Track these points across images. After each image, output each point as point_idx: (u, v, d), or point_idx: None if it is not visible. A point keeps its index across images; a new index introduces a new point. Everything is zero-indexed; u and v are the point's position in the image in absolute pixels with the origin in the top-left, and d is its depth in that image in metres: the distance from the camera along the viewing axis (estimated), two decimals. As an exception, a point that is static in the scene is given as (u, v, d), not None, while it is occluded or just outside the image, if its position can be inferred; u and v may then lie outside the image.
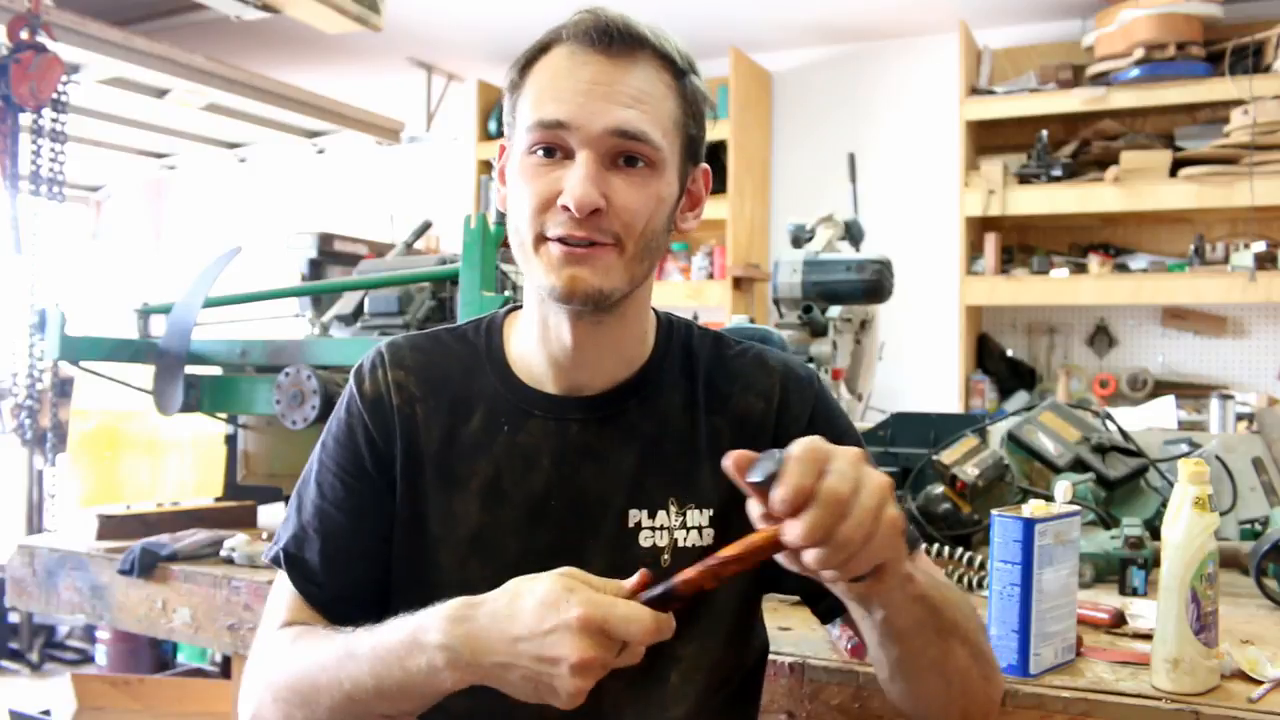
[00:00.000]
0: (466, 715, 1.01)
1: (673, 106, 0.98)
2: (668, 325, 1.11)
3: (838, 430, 1.07)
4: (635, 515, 1.03)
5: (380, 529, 1.05)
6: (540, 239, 0.96)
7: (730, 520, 1.04)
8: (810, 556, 0.77)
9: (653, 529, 1.03)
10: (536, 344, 1.04)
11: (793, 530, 0.76)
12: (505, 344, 1.09)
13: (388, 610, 1.03)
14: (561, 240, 0.95)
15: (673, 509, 1.03)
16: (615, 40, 0.95)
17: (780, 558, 0.81)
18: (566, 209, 0.94)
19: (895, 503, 0.80)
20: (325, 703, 0.94)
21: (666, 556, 1.02)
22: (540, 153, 0.96)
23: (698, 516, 1.04)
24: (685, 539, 1.03)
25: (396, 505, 1.04)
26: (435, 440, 1.04)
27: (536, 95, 0.97)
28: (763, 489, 0.78)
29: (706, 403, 1.06)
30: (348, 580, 1.05)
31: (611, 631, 0.81)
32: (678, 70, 0.99)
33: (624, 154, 0.95)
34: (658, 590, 0.84)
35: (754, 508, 0.81)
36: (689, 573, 0.83)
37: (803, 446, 0.78)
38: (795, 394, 1.08)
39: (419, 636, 0.88)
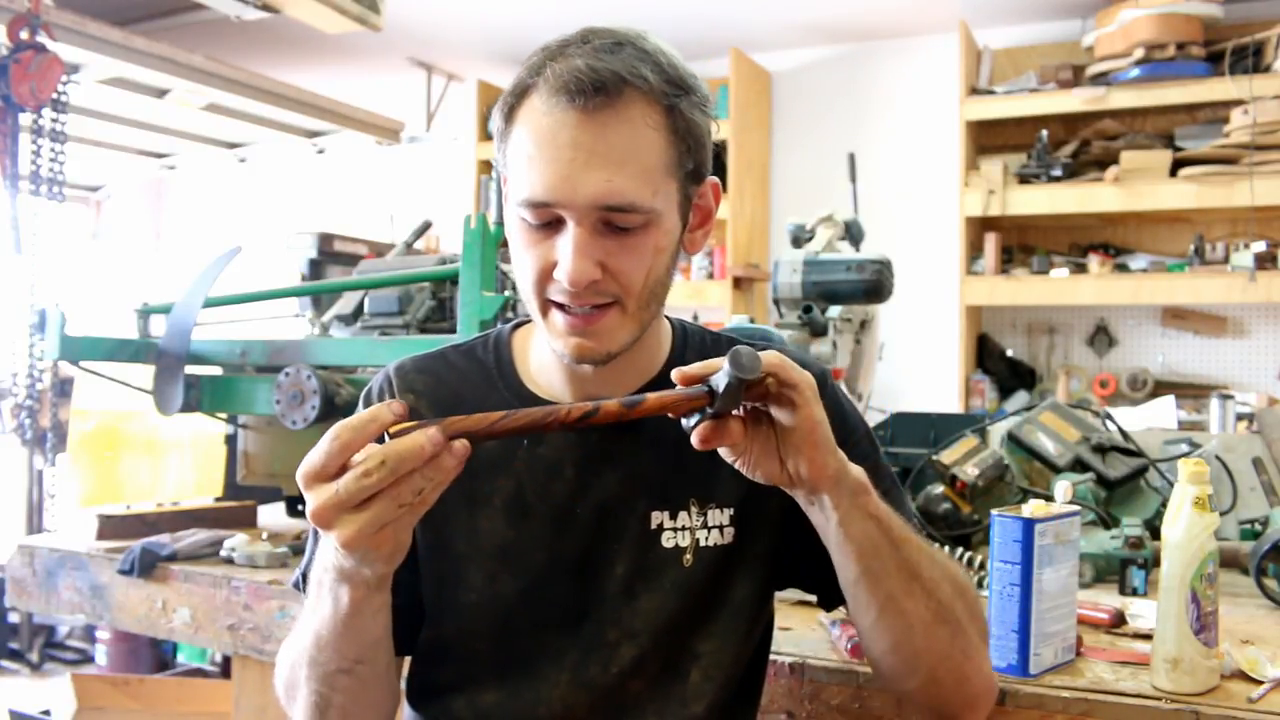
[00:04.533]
0: (494, 708, 1.04)
1: (663, 149, 0.94)
2: (682, 332, 1.13)
3: (849, 426, 1.10)
4: (658, 517, 1.04)
5: None
6: (545, 304, 0.98)
7: (750, 518, 1.06)
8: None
9: (675, 529, 1.04)
10: (555, 362, 1.05)
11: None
12: (516, 359, 1.10)
13: (415, 635, 1.07)
14: (564, 307, 0.96)
15: (694, 509, 1.05)
16: (592, 93, 0.90)
17: (744, 461, 0.91)
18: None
19: (819, 404, 0.89)
20: (302, 680, 0.98)
21: (689, 556, 1.04)
22: (531, 220, 0.95)
23: (719, 515, 1.06)
24: (707, 538, 1.05)
25: (417, 531, 1.04)
26: None
27: (522, 161, 0.94)
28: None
29: None
30: None
31: (314, 469, 0.81)
32: (668, 101, 0.93)
33: (613, 221, 0.94)
34: (588, 406, 0.88)
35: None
36: (613, 404, 0.88)
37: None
38: None
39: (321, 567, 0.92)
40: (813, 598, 1.15)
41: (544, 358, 1.07)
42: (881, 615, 0.98)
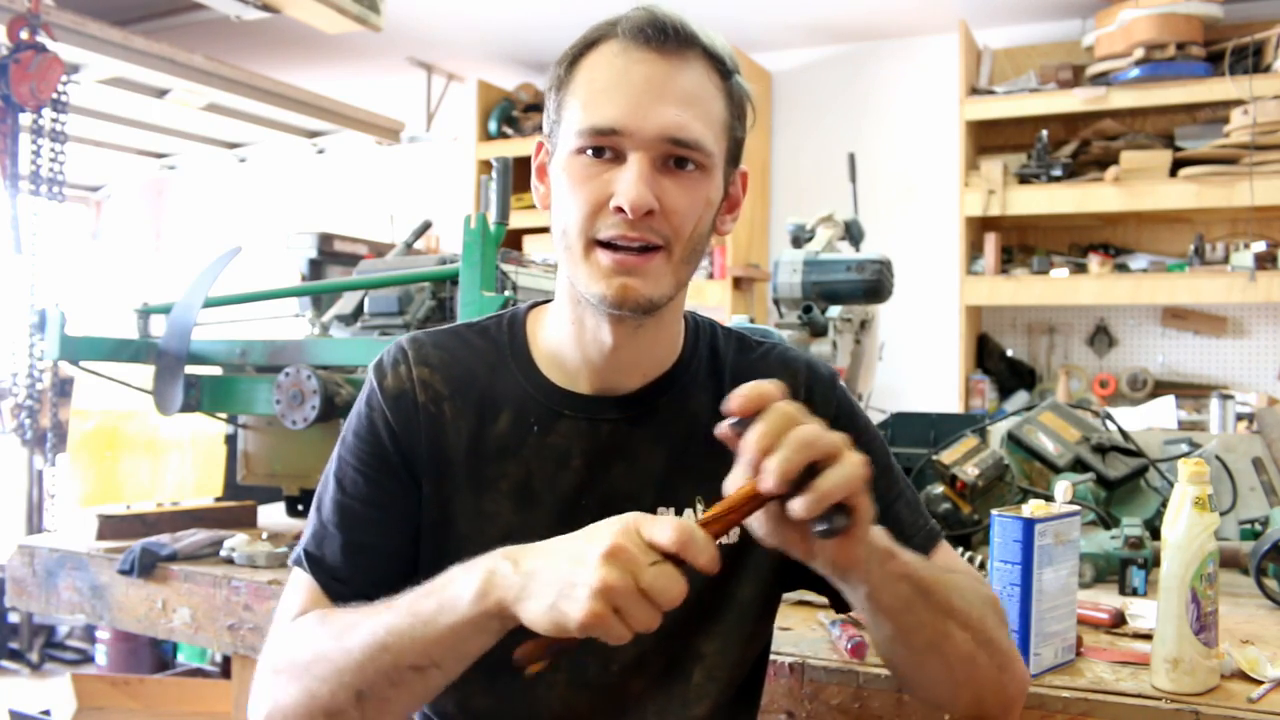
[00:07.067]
0: (489, 714, 1.02)
1: (721, 108, 0.98)
2: (694, 325, 1.11)
3: (858, 429, 1.08)
4: (663, 513, 1.03)
5: (405, 524, 1.03)
6: (591, 244, 0.96)
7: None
8: (797, 505, 0.79)
9: None
10: (571, 344, 1.03)
11: (766, 469, 0.78)
12: (530, 341, 1.08)
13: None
14: (613, 244, 0.95)
15: (699, 507, 1.04)
16: (670, 38, 0.95)
17: (761, 525, 0.84)
18: (620, 210, 0.93)
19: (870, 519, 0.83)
20: (356, 660, 0.90)
21: None
22: (590, 153, 0.95)
23: None
24: None
25: (422, 506, 1.02)
26: (464, 439, 1.03)
27: (588, 95, 0.96)
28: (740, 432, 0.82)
29: None
30: (372, 576, 1.01)
31: (629, 562, 0.80)
32: (725, 70, 0.99)
33: (675, 157, 0.95)
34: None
35: (735, 479, 0.83)
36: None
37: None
38: (819, 394, 1.09)
39: (473, 564, 0.87)
40: (813, 597, 1.15)
41: (559, 342, 1.05)
42: (922, 663, 0.97)
